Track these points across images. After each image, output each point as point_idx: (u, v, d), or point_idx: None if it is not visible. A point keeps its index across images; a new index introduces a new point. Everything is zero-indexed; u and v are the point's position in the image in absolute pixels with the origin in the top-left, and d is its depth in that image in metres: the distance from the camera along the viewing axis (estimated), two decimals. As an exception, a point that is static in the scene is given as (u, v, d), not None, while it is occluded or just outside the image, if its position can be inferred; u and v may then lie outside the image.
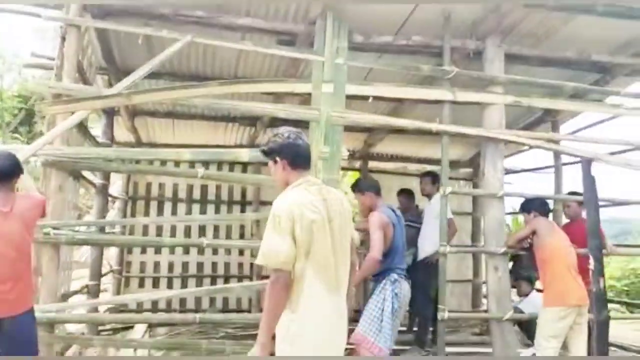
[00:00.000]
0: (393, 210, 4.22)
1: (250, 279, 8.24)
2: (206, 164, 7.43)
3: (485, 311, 5.30)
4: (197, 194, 8.35)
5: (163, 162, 7.92)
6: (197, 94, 4.17)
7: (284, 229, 2.26)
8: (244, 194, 8.46)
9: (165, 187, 8.25)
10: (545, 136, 5.13)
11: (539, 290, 8.15)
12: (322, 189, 2.49)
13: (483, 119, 4.84)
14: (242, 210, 8.45)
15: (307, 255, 2.30)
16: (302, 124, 6.57)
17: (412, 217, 6.45)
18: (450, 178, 5.57)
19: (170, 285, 8.10)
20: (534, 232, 4.51)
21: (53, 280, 3.93)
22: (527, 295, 6.86)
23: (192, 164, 6.43)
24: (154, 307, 7.94)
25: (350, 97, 4.43)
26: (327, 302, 2.35)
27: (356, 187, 4.40)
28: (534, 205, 4.69)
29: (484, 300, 7.72)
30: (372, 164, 8.77)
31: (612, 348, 5.66)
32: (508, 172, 9.35)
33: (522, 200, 4.90)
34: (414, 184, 8.56)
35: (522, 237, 4.63)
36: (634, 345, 6.31)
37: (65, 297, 4.68)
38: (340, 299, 2.44)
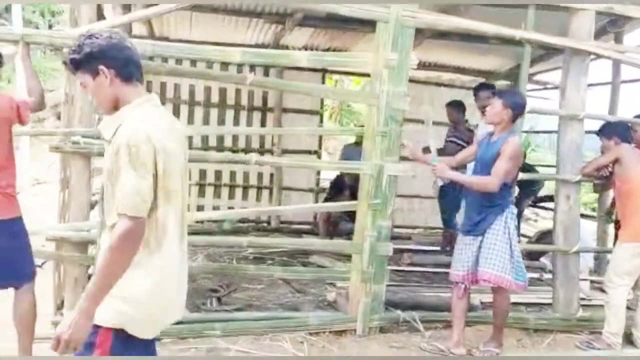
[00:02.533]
0: None
1: (270, 190, 7.86)
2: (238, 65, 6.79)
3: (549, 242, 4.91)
4: (215, 98, 7.71)
5: (178, 61, 7.39)
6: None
7: (143, 163, 1.70)
8: (265, 99, 7.82)
9: (180, 88, 7.59)
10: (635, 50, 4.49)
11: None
12: (165, 111, 1.95)
13: (570, 27, 4.19)
14: (263, 118, 7.86)
15: (168, 197, 1.79)
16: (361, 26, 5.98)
17: (460, 134, 5.97)
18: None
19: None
20: (616, 160, 4.05)
21: (84, 195, 3.44)
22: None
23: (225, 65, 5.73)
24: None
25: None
26: (179, 255, 1.90)
27: (505, 94, 3.78)
28: (617, 130, 4.18)
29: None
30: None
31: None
32: (546, 86, 8.84)
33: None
34: (445, 95, 8.08)
35: (603, 165, 4.16)
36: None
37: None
38: (185, 246, 1.98)
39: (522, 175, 4.04)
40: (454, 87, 8.63)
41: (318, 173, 8.13)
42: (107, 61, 1.78)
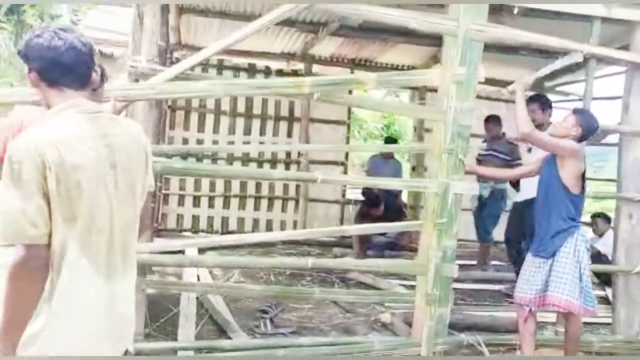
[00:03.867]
0: None
1: (297, 201, 7.71)
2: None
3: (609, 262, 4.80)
4: (241, 107, 7.56)
5: (205, 68, 7.25)
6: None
7: (27, 182, 1.45)
8: (291, 109, 7.69)
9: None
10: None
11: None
12: (101, 119, 1.65)
13: (632, 41, 4.09)
14: (290, 128, 7.72)
15: (71, 221, 1.52)
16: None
17: (500, 147, 5.86)
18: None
19: (211, 205, 7.53)
20: None
21: (146, 214, 3.27)
22: (602, 234, 6.47)
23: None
24: (194, 226, 7.44)
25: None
26: (98, 292, 1.60)
27: (583, 113, 3.69)
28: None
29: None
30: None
31: None
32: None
33: None
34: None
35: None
36: None
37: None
38: (125, 284, 1.71)
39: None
40: (479, 98, 8.49)
41: (344, 185, 8.00)
42: (31, 62, 1.62)
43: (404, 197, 7.85)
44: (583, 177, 3.56)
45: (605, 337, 4.25)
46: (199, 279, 4.91)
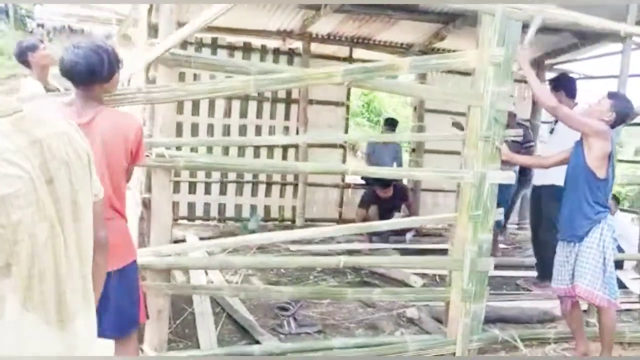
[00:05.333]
0: None
1: (295, 185, 7.45)
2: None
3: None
4: (237, 89, 7.18)
5: (198, 48, 6.87)
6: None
7: None
8: (289, 91, 7.35)
9: (200, 79, 7.03)
10: None
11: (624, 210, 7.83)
12: (25, 122, 1.27)
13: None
14: (287, 110, 7.40)
15: (4, 269, 1.20)
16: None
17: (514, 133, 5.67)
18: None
19: (208, 191, 7.20)
20: None
21: (167, 214, 2.98)
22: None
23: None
24: (190, 214, 7.12)
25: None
26: (52, 346, 1.28)
27: (618, 98, 3.52)
28: None
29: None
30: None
31: None
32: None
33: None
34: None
35: None
36: None
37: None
38: (89, 323, 1.39)
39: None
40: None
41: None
42: None
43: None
44: (610, 160, 3.42)
45: (635, 326, 4.15)
46: (206, 274, 4.65)
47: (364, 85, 3.29)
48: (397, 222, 4.39)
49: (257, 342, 3.41)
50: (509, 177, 3.54)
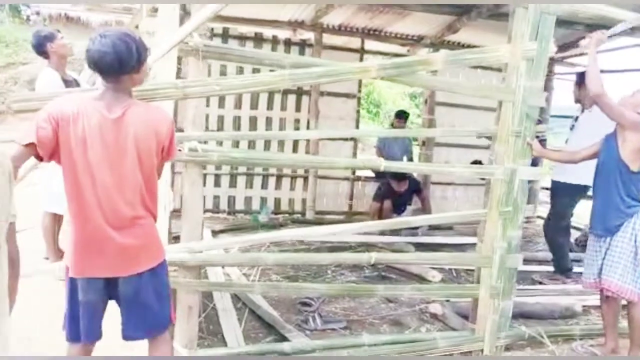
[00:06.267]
0: None
1: (305, 178, 7.39)
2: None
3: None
4: (247, 80, 7.10)
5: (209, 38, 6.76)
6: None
7: None
8: (300, 81, 7.27)
9: (211, 69, 6.95)
10: None
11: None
12: None
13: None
14: (298, 101, 7.33)
15: None
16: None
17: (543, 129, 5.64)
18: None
19: (217, 183, 7.14)
20: None
21: (198, 210, 2.94)
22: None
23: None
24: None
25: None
26: None
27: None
28: None
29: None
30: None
31: None
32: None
33: None
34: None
35: None
36: None
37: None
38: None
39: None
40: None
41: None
42: None
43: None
44: None
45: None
46: (223, 268, 4.60)
47: (398, 80, 3.21)
48: (425, 218, 4.35)
49: (283, 338, 3.38)
50: (538, 174, 3.50)
